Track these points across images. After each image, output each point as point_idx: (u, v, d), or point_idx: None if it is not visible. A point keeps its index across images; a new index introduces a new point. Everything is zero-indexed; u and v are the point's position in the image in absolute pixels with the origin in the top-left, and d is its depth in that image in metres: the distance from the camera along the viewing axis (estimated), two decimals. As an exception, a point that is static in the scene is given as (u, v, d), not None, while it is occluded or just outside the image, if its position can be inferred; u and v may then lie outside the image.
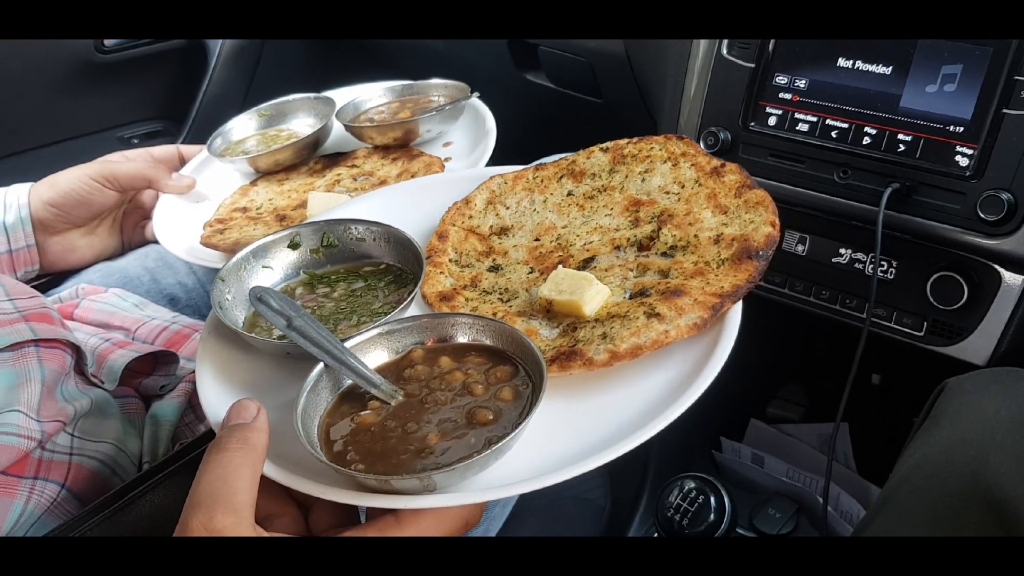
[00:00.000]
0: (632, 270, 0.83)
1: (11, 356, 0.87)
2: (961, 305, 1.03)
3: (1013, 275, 0.99)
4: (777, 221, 0.80)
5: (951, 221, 1.00)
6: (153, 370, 1.04)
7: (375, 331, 0.76)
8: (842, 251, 1.11)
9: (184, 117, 1.68)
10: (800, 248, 1.14)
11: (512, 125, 1.29)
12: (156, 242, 1.30)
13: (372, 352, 0.76)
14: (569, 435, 0.69)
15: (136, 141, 1.70)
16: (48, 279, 1.28)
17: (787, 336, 1.41)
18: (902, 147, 1.01)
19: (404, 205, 0.99)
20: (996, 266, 1.00)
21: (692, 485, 1.04)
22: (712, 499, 1.05)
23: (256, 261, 0.88)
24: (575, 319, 0.79)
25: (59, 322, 0.96)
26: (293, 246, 0.90)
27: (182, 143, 1.69)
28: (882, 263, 1.08)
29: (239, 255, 0.87)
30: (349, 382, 0.73)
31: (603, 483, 1.29)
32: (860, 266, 1.11)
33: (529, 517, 1.19)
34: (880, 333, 1.10)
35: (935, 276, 1.04)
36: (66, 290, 1.20)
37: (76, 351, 0.95)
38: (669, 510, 1.02)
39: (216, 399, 0.75)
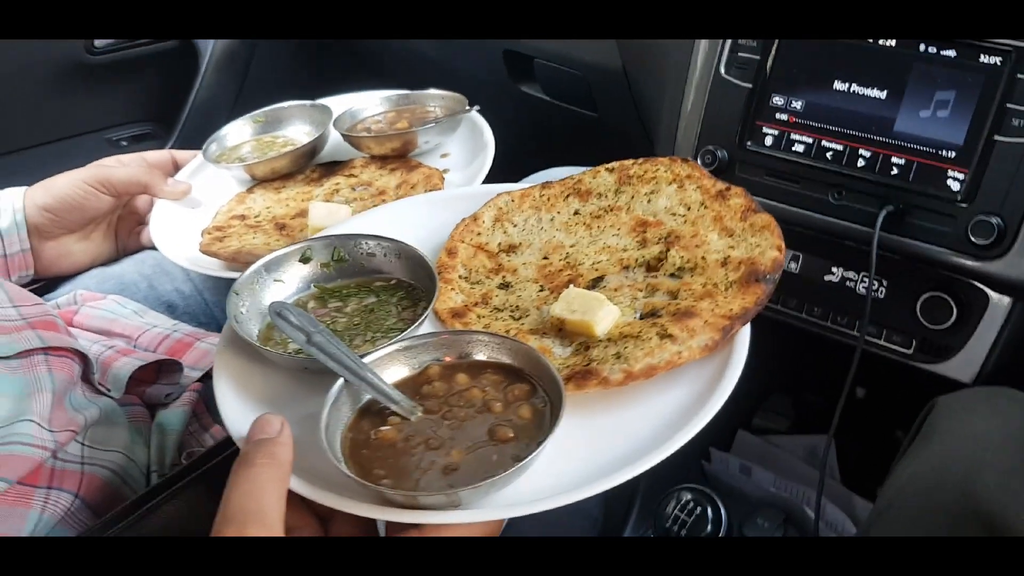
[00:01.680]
0: (641, 290, 0.85)
1: (19, 364, 0.87)
2: (950, 325, 1.06)
3: (1000, 296, 1.03)
4: (783, 246, 0.82)
5: (942, 243, 1.03)
6: (157, 378, 1.04)
7: (393, 347, 0.77)
8: (834, 270, 1.14)
9: (174, 120, 1.68)
10: (793, 266, 1.17)
11: (506, 135, 1.31)
12: (152, 247, 1.31)
13: (390, 368, 0.77)
14: (586, 452, 0.71)
15: (125, 143, 1.69)
16: (42, 284, 1.27)
17: (774, 349, 1.44)
18: (895, 170, 1.04)
19: (410, 220, 1.00)
20: (984, 287, 1.03)
21: (689, 496, 1.06)
22: (709, 510, 1.07)
23: (268, 275, 0.89)
24: (587, 338, 0.81)
25: (64, 330, 0.97)
26: (304, 260, 0.91)
27: (172, 146, 1.70)
28: (874, 283, 1.11)
29: (252, 268, 0.88)
30: (368, 397, 0.75)
31: (594, 492, 1.31)
32: (852, 284, 1.14)
33: (522, 525, 1.21)
34: (869, 350, 1.13)
35: (925, 296, 1.07)
36: (64, 296, 1.19)
37: (83, 359, 0.95)
38: (667, 521, 1.05)
39: (236, 413, 0.76)
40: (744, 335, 0.78)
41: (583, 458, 0.70)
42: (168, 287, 1.26)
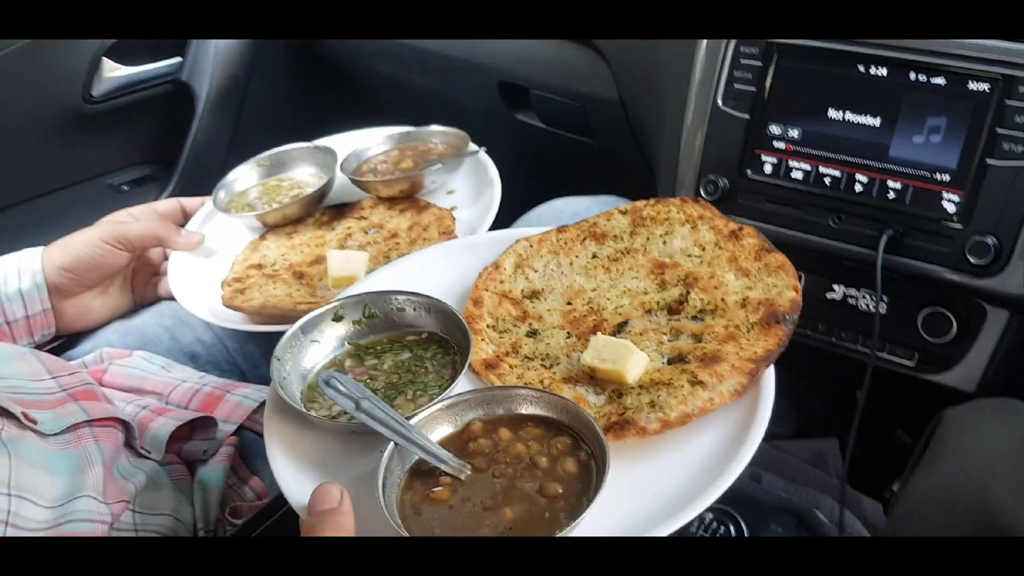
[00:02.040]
0: (666, 334, 0.89)
1: (67, 439, 0.90)
2: (950, 338, 1.11)
3: (998, 310, 1.08)
4: (799, 286, 0.87)
5: (940, 263, 1.07)
6: (192, 434, 1.07)
7: (437, 407, 0.81)
8: (835, 288, 1.19)
9: (173, 161, 1.70)
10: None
11: (504, 163, 1.34)
12: (169, 298, 1.33)
13: (435, 427, 0.81)
14: (628, 502, 0.75)
15: (126, 188, 1.71)
16: (63, 341, 1.30)
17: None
18: (892, 194, 1.09)
19: (432, 270, 1.03)
20: (982, 302, 1.08)
21: (711, 516, 1.11)
22: (732, 529, 1.12)
23: (305, 336, 0.92)
24: (619, 385, 0.85)
25: (103, 397, 0.99)
26: (337, 319, 0.94)
27: (174, 187, 1.72)
28: (874, 299, 1.16)
29: (289, 332, 0.91)
30: (416, 457, 0.78)
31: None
32: (853, 301, 1.18)
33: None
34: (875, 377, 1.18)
35: (926, 311, 1.12)
36: (90, 355, 1.22)
37: (125, 426, 0.98)
38: (693, 544, 1.09)
39: (293, 480, 0.79)
40: (769, 375, 0.82)
41: (627, 508, 0.74)
42: (189, 337, 1.29)
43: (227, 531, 1.01)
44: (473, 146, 1.32)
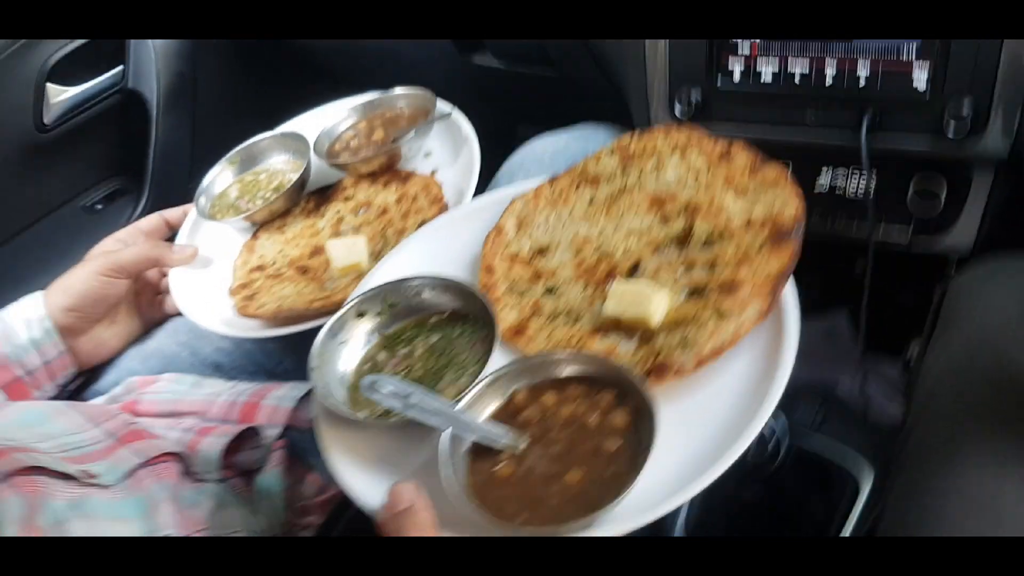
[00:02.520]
0: (679, 268, 0.92)
1: (128, 484, 0.93)
2: (941, 206, 1.14)
3: (983, 172, 1.11)
4: (800, 198, 0.89)
5: (921, 135, 1.09)
6: (240, 446, 1.10)
7: (481, 385, 0.83)
8: (821, 180, 1.21)
9: (140, 169, 1.68)
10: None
11: (469, 111, 1.34)
12: (176, 314, 1.34)
13: (482, 406, 0.84)
14: (682, 441, 0.78)
15: (100, 206, 1.69)
16: (85, 378, 1.31)
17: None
18: (863, 79, 1.10)
19: (435, 248, 1.05)
20: (967, 166, 1.11)
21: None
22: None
23: (333, 340, 0.94)
24: (645, 328, 0.87)
25: (150, 434, 1.02)
26: (360, 315, 0.96)
27: (147, 197, 1.70)
28: (862, 182, 1.18)
29: (318, 340, 0.93)
30: (472, 439, 0.81)
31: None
32: (841, 189, 1.21)
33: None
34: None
35: (913, 185, 1.15)
36: (118, 387, 1.23)
37: (178, 457, 1.00)
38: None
39: (361, 484, 0.82)
40: (789, 289, 0.85)
41: (682, 447, 0.78)
42: (208, 348, 1.30)
43: (298, 531, 1.05)
44: (444, 106, 1.32)
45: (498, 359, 0.87)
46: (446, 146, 1.33)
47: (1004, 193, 1.12)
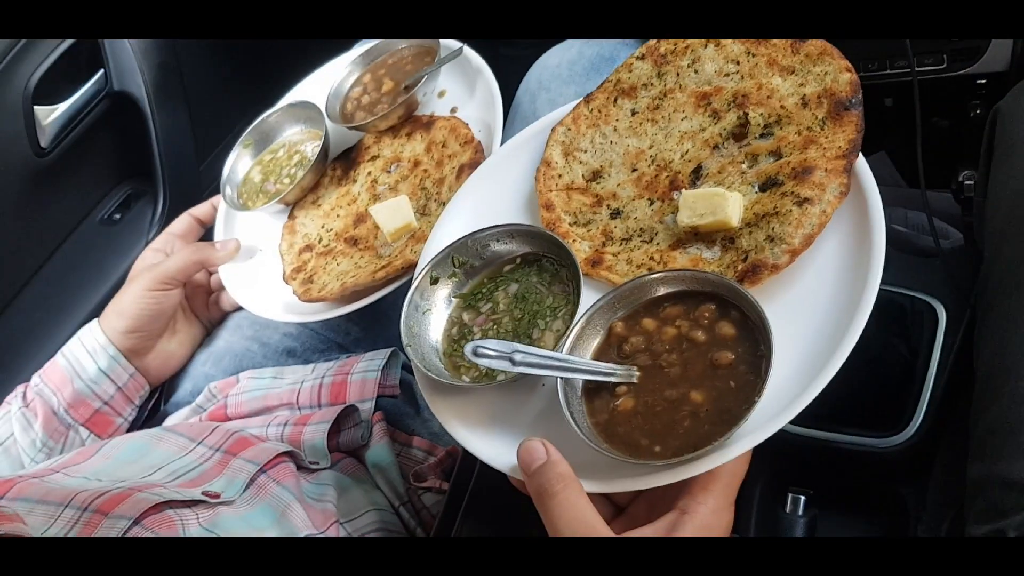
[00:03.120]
0: (743, 162, 0.90)
1: (251, 494, 0.94)
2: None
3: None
4: (850, 65, 0.87)
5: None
6: (340, 427, 1.11)
7: (578, 326, 0.83)
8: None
9: (149, 169, 1.65)
10: (807, 38, 1.21)
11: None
12: (234, 310, 1.34)
13: (585, 346, 0.84)
14: (794, 338, 0.78)
15: (117, 216, 1.67)
16: (162, 392, 1.32)
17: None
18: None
19: (487, 198, 1.02)
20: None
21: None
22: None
23: (416, 312, 0.93)
24: (726, 232, 0.87)
25: (255, 438, 1.03)
26: (434, 281, 0.95)
27: (164, 196, 1.68)
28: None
29: (405, 312, 0.92)
30: (583, 381, 0.82)
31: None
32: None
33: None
34: (904, 83, 1.19)
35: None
36: (200, 396, 1.24)
37: (290, 454, 1.02)
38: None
39: (488, 448, 0.83)
40: (863, 166, 0.84)
41: (797, 344, 0.78)
42: (276, 337, 1.31)
43: (420, 495, 1.07)
44: (451, 45, 1.28)
45: (584, 295, 0.86)
46: (459, 82, 1.30)
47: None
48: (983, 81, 1.19)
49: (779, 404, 0.74)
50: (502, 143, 1.13)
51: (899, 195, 1.48)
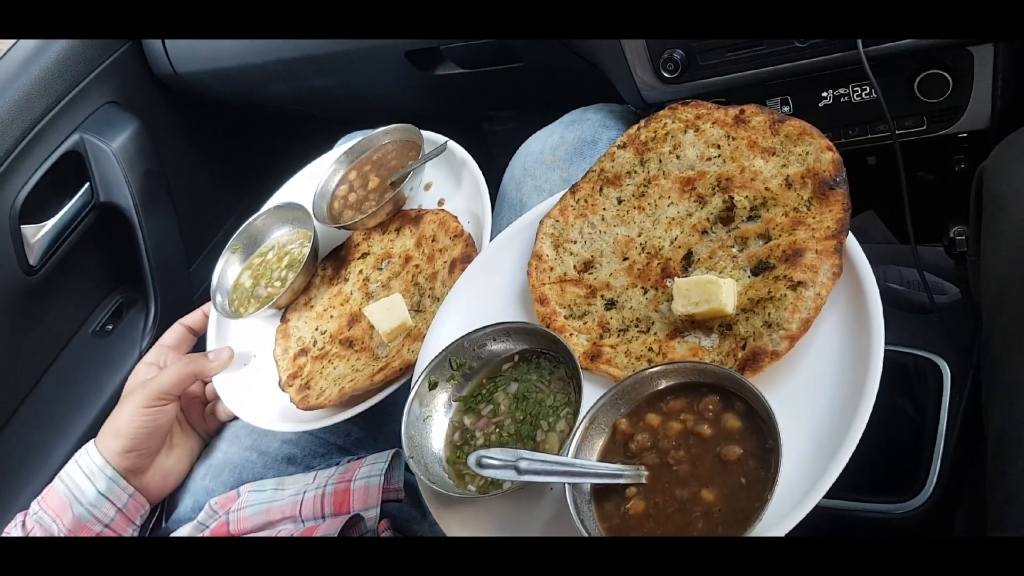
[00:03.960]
0: (733, 246, 0.90)
1: None
2: (950, 91, 1.12)
3: (981, 47, 1.09)
4: (832, 144, 0.87)
5: (914, 32, 1.07)
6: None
7: (581, 428, 0.82)
8: (824, 95, 1.19)
9: (137, 278, 1.65)
10: (786, 108, 1.22)
11: (443, 127, 1.31)
12: (229, 420, 1.32)
13: (589, 447, 0.82)
14: (803, 422, 0.77)
15: (110, 327, 1.66)
16: (160, 510, 1.30)
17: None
18: (842, -10, 1.08)
19: (481, 295, 1.02)
20: (965, 47, 1.09)
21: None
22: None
23: (416, 420, 0.92)
24: (722, 319, 0.86)
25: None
26: (433, 386, 0.94)
27: (156, 304, 1.67)
28: (866, 87, 1.16)
29: (405, 421, 0.91)
30: (590, 484, 0.80)
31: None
32: (846, 99, 1.19)
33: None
34: (885, 144, 1.20)
35: (918, 80, 1.13)
36: (201, 513, 1.22)
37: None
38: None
39: None
40: (854, 244, 0.83)
41: (803, 428, 0.77)
42: (275, 444, 1.29)
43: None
44: (435, 138, 1.29)
45: (585, 390, 0.85)
46: (444, 173, 1.30)
47: (1008, 62, 1.10)
48: (964, 135, 1.19)
49: (794, 495, 0.73)
50: (492, 234, 1.13)
51: (891, 253, 1.48)
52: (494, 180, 1.32)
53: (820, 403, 0.78)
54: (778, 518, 0.71)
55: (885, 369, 0.77)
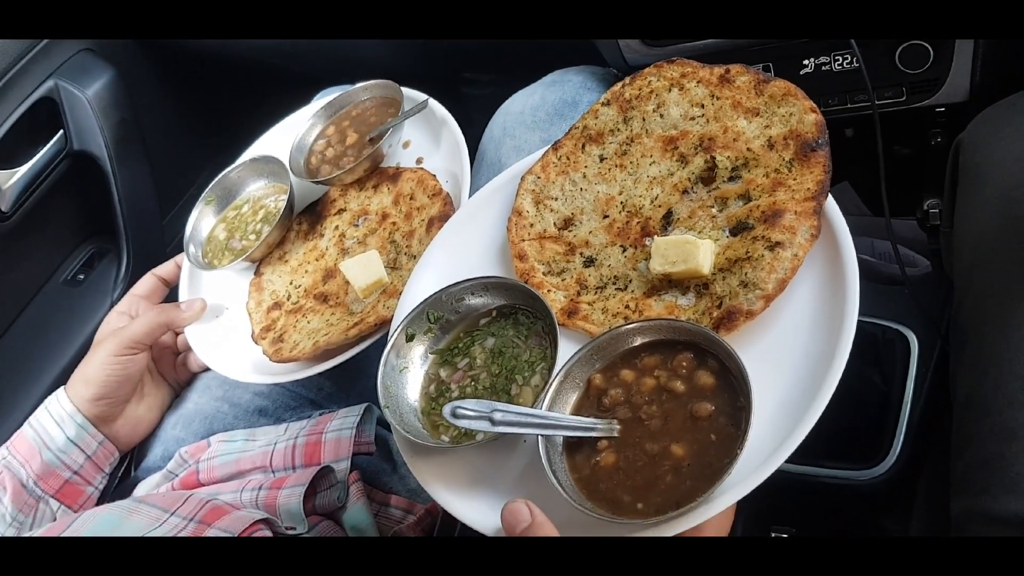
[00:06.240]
0: (713, 206, 0.90)
1: None
2: (931, 63, 1.13)
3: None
4: (815, 105, 0.87)
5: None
6: (316, 489, 1.09)
7: (556, 382, 0.82)
8: (806, 63, 1.19)
9: (110, 228, 1.62)
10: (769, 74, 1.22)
11: (425, 86, 1.30)
12: (201, 371, 1.32)
13: (563, 400, 0.83)
14: (774, 383, 0.78)
15: (81, 276, 1.64)
16: (132, 457, 1.29)
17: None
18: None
19: (459, 250, 1.02)
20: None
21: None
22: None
23: (392, 371, 0.92)
24: (699, 278, 0.86)
25: (230, 506, 1.00)
26: (410, 338, 0.94)
27: (128, 254, 1.65)
28: (847, 56, 1.17)
29: (381, 372, 0.90)
30: (563, 437, 0.81)
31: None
32: (827, 68, 1.19)
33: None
34: (864, 115, 1.20)
35: (899, 50, 1.13)
36: (171, 461, 1.21)
37: (266, 521, 0.99)
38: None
39: (471, 511, 0.81)
40: (833, 206, 0.84)
41: (775, 388, 0.77)
42: (247, 396, 1.28)
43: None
44: (415, 96, 1.27)
45: (561, 346, 0.85)
46: (423, 132, 1.29)
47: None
48: (942, 109, 1.20)
49: (761, 454, 0.73)
50: (470, 193, 1.12)
51: (865, 224, 1.49)
52: (473, 144, 1.31)
53: (792, 364, 0.79)
54: (743, 475, 0.72)
55: (855, 337, 0.78)
